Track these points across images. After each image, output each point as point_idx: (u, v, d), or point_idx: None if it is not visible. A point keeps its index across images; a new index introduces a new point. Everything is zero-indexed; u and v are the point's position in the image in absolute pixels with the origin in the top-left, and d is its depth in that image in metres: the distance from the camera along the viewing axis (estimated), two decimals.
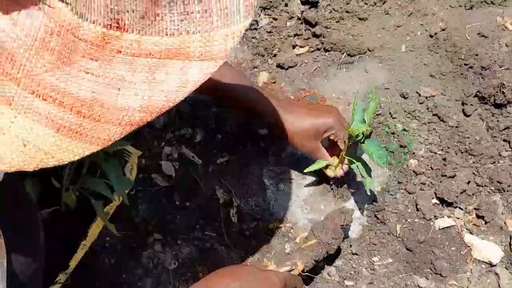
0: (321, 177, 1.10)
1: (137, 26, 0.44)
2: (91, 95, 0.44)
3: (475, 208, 1.05)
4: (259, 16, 1.22)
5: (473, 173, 1.06)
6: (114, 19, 0.43)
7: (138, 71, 0.45)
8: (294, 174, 1.12)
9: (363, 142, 0.96)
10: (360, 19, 1.21)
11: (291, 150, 1.13)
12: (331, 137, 1.01)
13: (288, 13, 1.22)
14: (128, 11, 0.43)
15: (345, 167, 1.04)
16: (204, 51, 0.46)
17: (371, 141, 0.97)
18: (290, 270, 0.92)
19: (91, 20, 0.43)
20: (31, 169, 0.44)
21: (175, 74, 0.46)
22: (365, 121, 0.95)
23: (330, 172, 1.04)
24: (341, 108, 1.16)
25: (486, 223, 1.04)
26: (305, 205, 1.10)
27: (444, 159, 1.08)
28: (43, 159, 0.44)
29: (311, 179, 1.11)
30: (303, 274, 0.94)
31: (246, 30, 1.22)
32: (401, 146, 1.11)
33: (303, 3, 1.22)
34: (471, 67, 1.13)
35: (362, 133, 0.94)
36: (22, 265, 0.69)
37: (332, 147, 1.03)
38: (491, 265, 1.01)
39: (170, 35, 0.45)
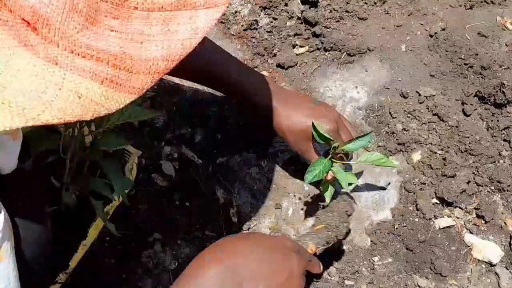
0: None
1: None
2: (120, 50, 0.49)
3: (475, 208, 1.05)
4: (259, 15, 1.22)
5: (473, 173, 1.06)
6: None
7: (154, 24, 0.50)
8: (294, 174, 1.12)
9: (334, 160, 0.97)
10: (360, 18, 1.21)
11: (291, 150, 1.13)
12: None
13: (288, 12, 1.22)
14: None
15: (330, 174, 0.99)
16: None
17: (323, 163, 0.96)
18: None
19: None
20: (89, 118, 0.49)
21: (186, 24, 0.51)
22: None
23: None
24: (340, 108, 1.17)
25: (486, 222, 1.04)
26: (305, 205, 1.10)
27: (444, 159, 1.08)
28: (96, 109, 0.48)
29: None
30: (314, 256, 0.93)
31: (246, 29, 1.23)
32: (399, 144, 1.11)
33: (303, 3, 1.22)
34: (471, 67, 1.13)
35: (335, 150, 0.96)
36: (32, 252, 0.74)
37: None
38: (491, 265, 1.01)
39: None
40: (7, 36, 0.46)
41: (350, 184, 1.00)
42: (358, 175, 1.09)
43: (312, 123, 0.96)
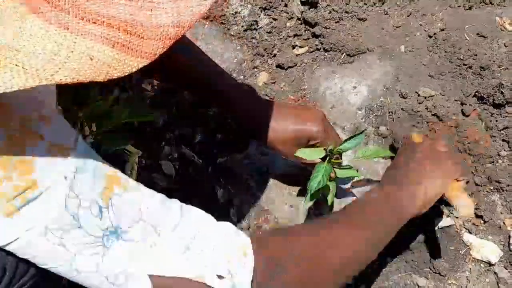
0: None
1: None
2: (130, 17, 0.51)
3: (474, 208, 1.05)
4: (259, 16, 1.23)
5: (472, 173, 1.07)
6: None
7: None
8: (294, 174, 1.12)
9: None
10: (359, 19, 1.22)
11: None
12: (316, 146, 0.98)
13: (287, 13, 1.22)
14: None
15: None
16: None
17: (324, 168, 0.94)
18: None
19: None
20: (101, 80, 0.51)
21: None
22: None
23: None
24: (339, 108, 1.17)
25: (485, 222, 1.04)
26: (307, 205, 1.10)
27: None
28: (109, 71, 0.51)
29: None
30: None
31: (246, 30, 1.23)
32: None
33: (302, 4, 1.23)
34: (470, 67, 1.13)
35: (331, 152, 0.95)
36: None
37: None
38: (490, 264, 1.01)
39: None
40: (18, 5, 0.48)
41: (352, 178, 1.00)
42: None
43: (298, 151, 0.94)
